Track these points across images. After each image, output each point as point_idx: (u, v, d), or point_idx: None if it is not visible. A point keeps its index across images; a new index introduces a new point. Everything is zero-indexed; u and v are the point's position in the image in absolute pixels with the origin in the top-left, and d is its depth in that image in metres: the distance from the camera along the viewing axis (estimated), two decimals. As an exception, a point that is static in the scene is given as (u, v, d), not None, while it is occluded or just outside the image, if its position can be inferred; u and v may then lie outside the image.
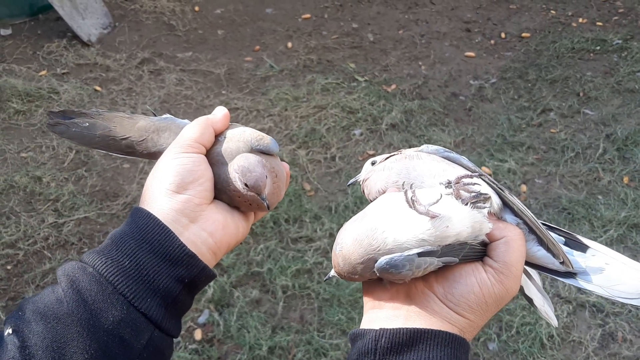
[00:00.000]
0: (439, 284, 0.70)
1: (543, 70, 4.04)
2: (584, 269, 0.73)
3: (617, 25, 4.50)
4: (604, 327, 2.53)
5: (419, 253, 0.66)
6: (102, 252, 0.71)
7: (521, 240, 0.72)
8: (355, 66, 4.11)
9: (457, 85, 3.96)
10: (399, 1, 4.87)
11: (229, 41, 4.42)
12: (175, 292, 0.71)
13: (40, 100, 3.77)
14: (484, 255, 0.71)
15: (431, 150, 0.79)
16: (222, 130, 0.88)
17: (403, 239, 0.67)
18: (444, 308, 0.68)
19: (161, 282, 0.70)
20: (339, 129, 3.56)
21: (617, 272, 0.72)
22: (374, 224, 0.69)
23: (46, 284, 2.73)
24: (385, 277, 0.68)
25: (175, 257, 0.71)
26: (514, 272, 0.69)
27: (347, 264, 0.71)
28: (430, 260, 0.66)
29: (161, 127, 0.92)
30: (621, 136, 3.44)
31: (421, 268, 0.66)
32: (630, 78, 3.92)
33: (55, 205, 3.09)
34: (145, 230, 0.72)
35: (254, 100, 3.79)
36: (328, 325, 2.54)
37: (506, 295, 0.69)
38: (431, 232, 0.67)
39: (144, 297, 0.69)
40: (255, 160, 0.80)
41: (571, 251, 0.75)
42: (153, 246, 0.71)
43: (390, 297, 0.72)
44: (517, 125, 3.57)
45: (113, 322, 0.67)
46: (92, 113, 0.94)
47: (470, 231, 0.68)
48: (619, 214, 2.97)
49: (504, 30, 4.49)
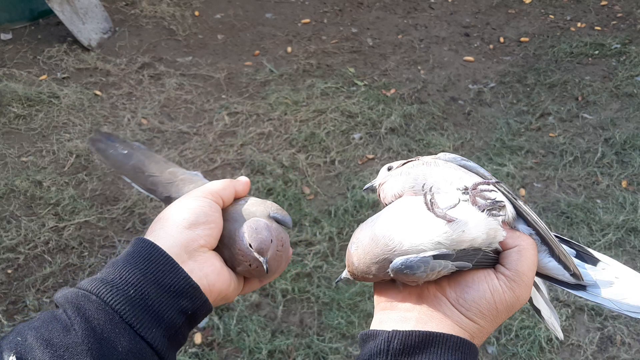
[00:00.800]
0: (451, 289, 0.71)
1: (542, 74, 4.05)
2: (594, 282, 0.74)
3: (616, 30, 4.51)
4: (603, 331, 2.53)
5: (435, 255, 0.67)
6: (104, 280, 0.70)
7: (533, 250, 0.73)
8: (354, 70, 4.13)
9: (456, 89, 3.97)
10: (398, 6, 4.89)
11: (229, 46, 4.44)
12: (179, 324, 0.71)
13: (41, 105, 3.78)
14: (496, 262, 0.72)
15: (448, 158, 0.80)
16: (241, 195, 0.90)
17: (419, 241, 0.68)
18: (455, 312, 0.69)
19: (165, 312, 0.70)
20: (338, 133, 3.57)
21: (626, 286, 0.73)
22: (390, 225, 0.70)
23: (47, 287, 2.74)
24: (399, 279, 0.69)
25: (179, 289, 0.71)
26: (525, 280, 0.70)
27: (362, 263, 0.71)
28: (445, 264, 0.67)
29: (188, 179, 0.97)
30: (620, 140, 3.45)
31: (435, 271, 0.67)
32: (628, 82, 3.94)
33: (55, 210, 3.10)
34: (150, 260, 0.71)
35: (254, 105, 3.80)
36: (328, 329, 2.55)
37: (517, 302, 0.70)
38: (447, 236, 0.68)
39: (150, 327, 0.68)
40: (265, 224, 0.83)
41: (582, 264, 0.76)
42: (157, 277, 0.70)
43: (402, 298, 0.72)
44: (516, 130, 3.59)
45: (122, 352, 0.66)
46: (134, 145, 1.00)
47: (485, 237, 0.69)
48: (618, 218, 2.98)
49: (502, 35, 4.51)
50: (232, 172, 3.32)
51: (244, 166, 3.35)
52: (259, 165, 3.33)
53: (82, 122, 3.66)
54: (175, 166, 0.98)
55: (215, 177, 3.28)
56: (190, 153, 3.44)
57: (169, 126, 3.64)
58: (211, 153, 3.44)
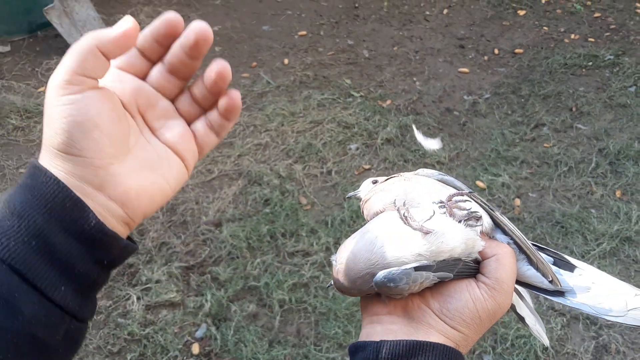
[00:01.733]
0: (434, 299, 0.72)
1: (536, 85, 4.09)
2: (572, 288, 0.76)
3: (609, 41, 4.56)
4: (598, 340, 2.55)
5: (416, 267, 0.68)
6: (0, 229, 0.55)
7: (512, 258, 0.74)
8: (350, 82, 4.16)
9: (451, 100, 4.01)
10: (393, 18, 4.93)
11: (226, 57, 4.46)
12: (94, 276, 0.58)
13: (39, 117, 3.80)
14: (477, 272, 0.74)
15: (427, 173, 0.83)
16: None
17: (400, 254, 0.69)
18: (439, 322, 0.70)
19: (77, 266, 0.56)
20: (335, 143, 3.60)
21: (602, 291, 0.75)
22: (372, 239, 0.72)
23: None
24: (383, 292, 0.71)
25: (92, 238, 0.57)
26: (505, 288, 0.72)
27: (346, 279, 0.73)
28: (426, 275, 0.69)
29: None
30: (613, 150, 3.49)
31: (417, 282, 0.69)
32: (622, 93, 3.98)
33: (53, 221, 3.10)
34: (54, 201, 0.56)
35: (251, 116, 3.83)
36: (325, 339, 2.56)
37: (498, 310, 0.72)
38: (427, 247, 0.69)
39: (58, 285, 0.55)
40: None
41: (559, 270, 0.78)
42: (65, 224, 0.56)
43: (388, 311, 0.73)
44: (511, 140, 3.62)
45: (23, 322, 0.53)
46: None
47: (464, 247, 0.71)
48: (612, 228, 3.01)
49: (497, 47, 4.56)
50: (229, 182, 3.34)
51: (241, 177, 3.37)
52: (256, 175, 3.35)
53: (80, 134, 3.68)
54: None
55: (213, 188, 3.30)
56: (187, 164, 3.45)
57: (166, 137, 3.66)
58: (208, 164, 3.47)
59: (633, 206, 3.14)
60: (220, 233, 3.04)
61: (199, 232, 3.05)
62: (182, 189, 3.30)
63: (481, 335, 0.72)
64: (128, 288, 2.78)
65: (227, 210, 3.16)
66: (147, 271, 2.84)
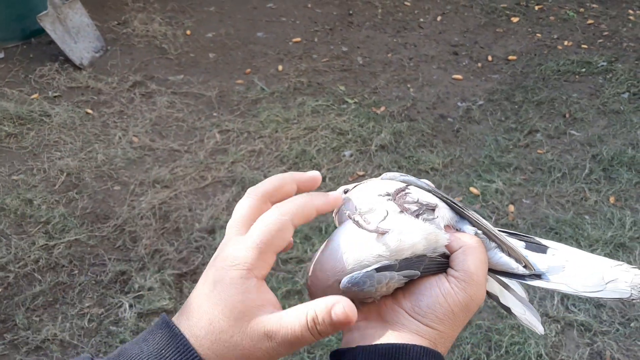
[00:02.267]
0: (406, 299, 0.71)
1: (529, 92, 4.10)
2: (547, 269, 0.75)
3: (602, 48, 4.58)
4: (592, 346, 2.54)
5: (377, 268, 0.68)
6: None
7: (480, 248, 0.73)
8: (345, 88, 4.17)
9: (445, 107, 4.01)
10: (387, 25, 4.95)
11: (220, 64, 4.47)
12: None
13: (32, 123, 3.79)
14: (447, 267, 0.73)
15: (390, 176, 0.82)
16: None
17: (361, 257, 0.69)
18: (413, 322, 0.69)
19: None
20: (329, 150, 3.60)
21: (577, 268, 0.74)
22: (335, 248, 0.72)
23: (36, 306, 2.73)
24: (353, 297, 0.70)
25: None
26: (475, 279, 0.70)
27: (317, 290, 0.73)
28: (390, 275, 0.68)
29: None
30: (607, 157, 3.49)
31: (382, 283, 0.68)
32: (615, 99, 4.00)
33: (46, 228, 3.09)
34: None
35: (245, 122, 3.82)
36: (318, 347, 2.55)
37: (471, 302, 0.70)
38: (385, 248, 0.69)
39: None
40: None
41: (532, 254, 0.77)
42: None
43: (364, 317, 0.73)
44: (505, 146, 3.62)
45: None
46: None
47: (425, 243, 0.70)
48: (606, 234, 3.01)
49: (490, 53, 4.57)
50: (222, 189, 3.33)
51: (234, 183, 3.36)
52: (250, 182, 3.34)
53: (73, 141, 3.67)
54: None
55: (206, 195, 3.29)
56: (181, 171, 3.45)
57: (160, 144, 3.66)
58: (202, 171, 3.46)
59: (627, 212, 3.14)
60: (214, 240, 3.03)
61: (192, 239, 3.04)
62: (175, 195, 3.29)
63: (459, 330, 0.71)
64: (120, 296, 2.77)
65: (220, 217, 3.15)
66: (140, 279, 2.82)
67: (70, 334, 2.61)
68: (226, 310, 0.62)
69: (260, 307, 0.64)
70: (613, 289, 0.71)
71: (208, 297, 0.64)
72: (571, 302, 2.71)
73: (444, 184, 3.33)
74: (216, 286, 0.64)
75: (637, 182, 3.34)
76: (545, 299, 2.72)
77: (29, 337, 2.60)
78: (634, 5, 5.14)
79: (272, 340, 0.62)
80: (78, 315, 2.69)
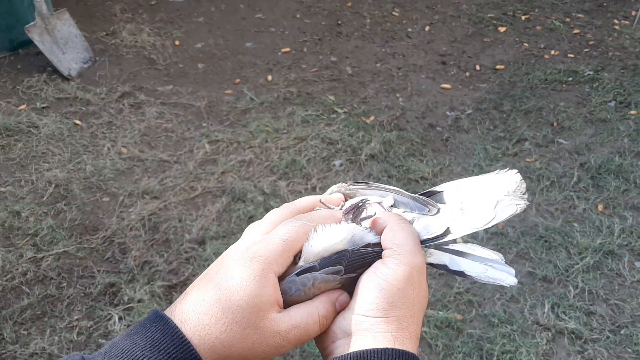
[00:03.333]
0: (354, 301, 0.70)
1: (517, 101, 4.14)
2: (451, 222, 0.77)
3: (588, 57, 4.63)
4: (583, 354, 2.55)
5: (297, 273, 0.70)
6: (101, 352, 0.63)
7: (401, 220, 0.74)
8: (334, 98, 4.18)
9: (434, 116, 4.03)
10: (376, 35, 4.97)
11: (209, 74, 4.47)
12: None
13: (20, 135, 3.76)
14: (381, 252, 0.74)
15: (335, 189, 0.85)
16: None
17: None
18: (367, 321, 0.68)
19: None
20: (319, 159, 3.60)
21: (473, 201, 0.77)
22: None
23: (24, 319, 2.70)
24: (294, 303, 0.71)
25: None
26: (407, 248, 0.71)
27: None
28: (312, 276, 0.70)
29: None
30: (595, 165, 3.52)
31: (308, 285, 0.70)
32: (602, 108, 4.03)
33: (34, 240, 3.06)
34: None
35: (235, 132, 3.82)
36: (310, 357, 2.53)
37: (412, 271, 0.69)
38: (300, 255, 0.71)
39: None
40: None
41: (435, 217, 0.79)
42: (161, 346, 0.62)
43: (327, 335, 0.72)
44: (493, 155, 3.64)
45: None
46: None
47: (340, 240, 0.72)
48: (595, 241, 3.03)
49: (478, 63, 4.61)
50: (212, 200, 3.32)
51: (224, 194, 3.35)
52: (239, 192, 3.34)
53: (61, 152, 3.64)
54: None
55: (196, 206, 3.28)
56: (170, 181, 3.43)
57: (149, 155, 3.64)
58: (192, 181, 3.44)
59: (615, 220, 3.16)
60: (204, 251, 3.01)
61: (182, 250, 3.02)
62: (164, 206, 3.27)
63: (419, 307, 0.69)
64: (110, 308, 2.74)
65: (210, 228, 3.14)
66: (129, 290, 2.80)
67: (59, 347, 2.58)
68: (242, 302, 0.64)
69: (273, 304, 0.66)
70: (502, 209, 0.74)
71: (219, 286, 0.66)
72: (562, 310, 2.72)
73: (434, 193, 3.34)
74: (232, 276, 0.65)
75: (625, 190, 3.37)
76: (535, 307, 2.73)
77: (17, 351, 2.56)
78: (618, 15, 5.21)
79: (284, 339, 0.65)
80: (67, 329, 2.67)
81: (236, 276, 0.65)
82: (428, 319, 2.67)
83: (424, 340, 2.61)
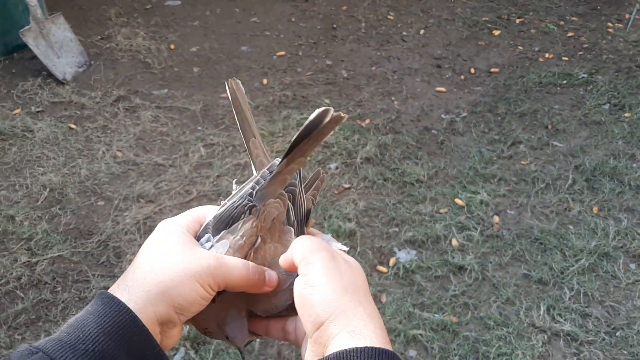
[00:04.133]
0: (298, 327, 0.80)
1: (512, 104, 4.15)
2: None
3: (582, 60, 4.65)
4: (579, 356, 2.55)
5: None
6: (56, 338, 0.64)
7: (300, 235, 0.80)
8: (329, 102, 4.18)
9: (429, 119, 4.04)
10: (371, 39, 4.98)
11: (204, 78, 4.47)
12: None
13: (14, 139, 3.75)
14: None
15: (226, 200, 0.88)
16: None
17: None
18: (330, 327, 0.65)
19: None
20: (314, 163, 3.60)
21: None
22: None
23: (19, 324, 2.68)
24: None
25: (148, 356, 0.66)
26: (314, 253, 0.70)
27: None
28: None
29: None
30: (589, 167, 3.53)
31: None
32: (596, 110, 4.05)
33: (28, 244, 3.05)
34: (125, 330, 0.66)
35: (230, 136, 3.81)
36: None
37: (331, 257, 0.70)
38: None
39: None
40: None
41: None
42: (131, 350, 0.65)
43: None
44: (488, 158, 3.65)
45: None
46: None
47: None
48: (590, 244, 3.03)
49: (473, 66, 4.62)
50: (208, 203, 3.31)
51: (220, 197, 3.34)
52: (235, 196, 3.33)
53: (56, 156, 3.63)
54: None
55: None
56: (165, 185, 3.43)
57: (144, 158, 3.64)
58: (187, 185, 3.44)
59: (610, 222, 3.17)
60: (199, 255, 3.00)
61: (178, 254, 3.01)
62: (160, 210, 3.27)
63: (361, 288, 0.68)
64: (105, 312, 2.73)
65: (206, 232, 3.12)
66: (125, 295, 2.79)
67: (54, 352, 2.57)
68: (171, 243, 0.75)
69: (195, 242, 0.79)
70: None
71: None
72: (557, 312, 2.72)
73: (429, 196, 3.35)
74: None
75: (620, 192, 3.38)
76: (531, 310, 2.73)
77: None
78: (612, 18, 5.23)
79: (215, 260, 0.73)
80: (61, 333, 2.65)
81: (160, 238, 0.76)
82: (424, 322, 2.67)
83: (419, 342, 2.60)
